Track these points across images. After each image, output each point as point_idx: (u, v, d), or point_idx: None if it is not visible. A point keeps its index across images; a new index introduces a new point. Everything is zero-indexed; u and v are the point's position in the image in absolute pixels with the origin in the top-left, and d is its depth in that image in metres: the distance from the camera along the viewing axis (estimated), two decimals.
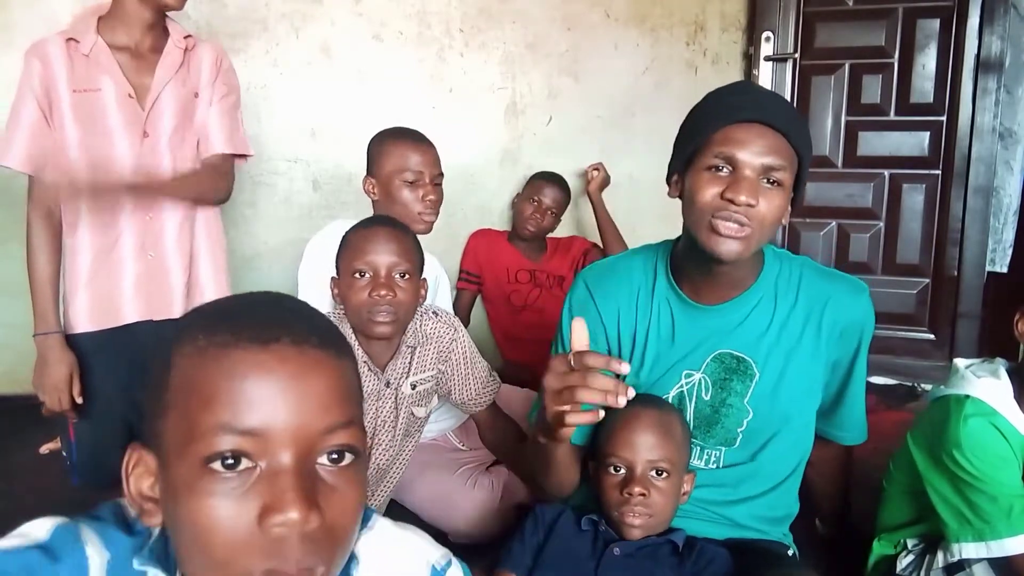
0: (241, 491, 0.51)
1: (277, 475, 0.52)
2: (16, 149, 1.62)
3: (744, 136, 1.08)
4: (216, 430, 0.52)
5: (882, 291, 2.79)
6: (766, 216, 1.08)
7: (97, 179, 1.60)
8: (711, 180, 1.10)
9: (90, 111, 1.64)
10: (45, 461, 2.10)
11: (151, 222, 1.72)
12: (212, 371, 0.53)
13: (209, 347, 0.54)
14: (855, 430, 1.35)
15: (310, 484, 0.53)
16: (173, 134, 1.71)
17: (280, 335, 0.54)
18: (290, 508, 0.50)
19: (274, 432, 0.52)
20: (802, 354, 1.21)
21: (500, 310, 2.69)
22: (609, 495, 1.15)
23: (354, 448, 0.56)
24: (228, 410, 0.52)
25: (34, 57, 1.62)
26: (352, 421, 0.56)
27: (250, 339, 0.54)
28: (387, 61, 2.75)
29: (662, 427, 1.15)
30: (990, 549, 1.21)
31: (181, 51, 1.73)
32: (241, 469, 0.52)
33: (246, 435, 0.52)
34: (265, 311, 0.58)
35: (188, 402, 0.53)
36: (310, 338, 0.55)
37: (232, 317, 0.57)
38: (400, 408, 1.53)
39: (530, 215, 2.62)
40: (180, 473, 0.53)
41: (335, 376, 0.56)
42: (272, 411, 0.52)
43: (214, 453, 0.51)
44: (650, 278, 1.27)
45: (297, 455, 0.53)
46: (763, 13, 2.86)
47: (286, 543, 0.51)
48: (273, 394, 0.52)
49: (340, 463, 0.55)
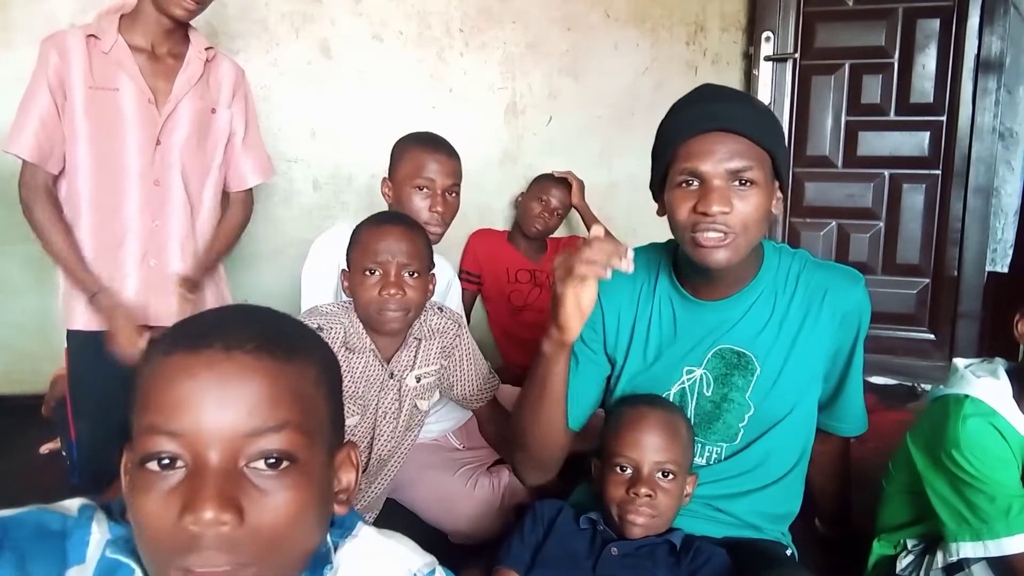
0: (167, 489, 0.54)
1: (198, 475, 0.54)
2: (25, 137, 1.61)
3: (703, 147, 1.09)
4: (148, 431, 0.55)
5: (882, 291, 2.79)
6: (747, 218, 1.09)
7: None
8: (683, 196, 1.12)
9: (104, 109, 1.64)
10: (45, 461, 2.10)
11: (158, 229, 1.72)
12: (151, 376, 0.57)
13: (155, 355, 0.58)
14: (855, 421, 1.36)
15: (230, 485, 0.54)
16: (185, 145, 1.72)
17: (212, 341, 0.56)
18: (203, 507, 0.52)
19: (197, 433, 0.54)
20: (803, 346, 1.22)
21: (500, 310, 2.69)
22: (613, 493, 1.15)
23: (289, 454, 0.56)
24: (158, 412, 0.55)
25: (51, 48, 1.61)
26: (286, 425, 0.57)
27: (184, 346, 0.57)
28: (387, 61, 2.75)
29: (670, 429, 1.16)
30: (988, 549, 1.21)
31: (202, 62, 1.73)
32: (174, 468, 0.54)
33: (172, 436, 0.54)
34: (211, 320, 0.62)
35: (136, 407, 0.58)
36: (244, 344, 0.57)
37: (180, 327, 0.61)
38: (404, 400, 1.53)
39: (538, 214, 2.62)
40: (129, 470, 0.58)
41: (267, 381, 0.56)
42: (196, 413, 0.54)
43: (147, 453, 0.55)
44: (652, 275, 1.29)
45: (220, 457, 0.54)
46: (763, 13, 2.86)
47: (201, 541, 0.52)
48: (197, 397, 0.55)
49: (277, 468, 0.56)
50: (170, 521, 0.53)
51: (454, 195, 1.79)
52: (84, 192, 1.67)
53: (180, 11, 1.62)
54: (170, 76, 1.70)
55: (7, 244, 2.40)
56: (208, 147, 1.78)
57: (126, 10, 1.67)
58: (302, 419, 0.58)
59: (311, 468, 0.59)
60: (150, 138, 1.68)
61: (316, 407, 0.61)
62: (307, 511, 0.58)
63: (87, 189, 1.66)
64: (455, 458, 1.85)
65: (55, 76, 1.61)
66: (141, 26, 1.66)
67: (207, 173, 1.79)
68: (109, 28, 1.64)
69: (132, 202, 1.69)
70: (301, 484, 0.57)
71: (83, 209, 1.67)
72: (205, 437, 0.54)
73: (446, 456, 1.86)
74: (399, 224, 1.44)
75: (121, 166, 1.67)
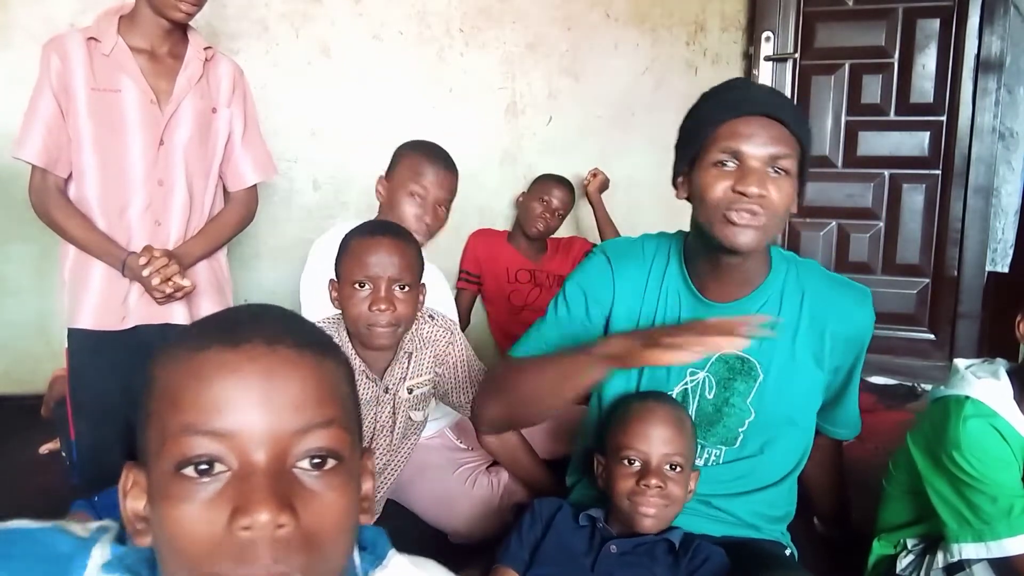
0: (211, 495, 0.50)
1: (247, 477, 0.50)
2: (32, 143, 1.62)
3: (747, 129, 1.09)
4: (184, 432, 0.50)
5: (882, 291, 2.79)
6: (778, 204, 1.09)
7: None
8: (719, 175, 1.10)
9: (108, 111, 1.64)
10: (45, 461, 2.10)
11: (160, 230, 1.72)
12: (183, 374, 0.52)
13: (182, 352, 0.53)
14: (851, 426, 1.40)
15: (283, 486, 0.50)
16: (188, 144, 1.73)
17: (251, 336, 0.53)
18: (259, 509, 0.48)
19: (244, 433, 0.50)
20: (805, 358, 1.22)
21: (500, 310, 2.69)
22: (623, 486, 1.15)
23: (336, 452, 0.54)
24: (195, 411, 0.51)
25: (53, 51, 1.62)
26: (332, 423, 0.54)
27: (220, 341, 0.53)
28: (387, 61, 2.75)
29: (677, 423, 1.16)
30: (989, 550, 1.21)
31: (201, 62, 1.74)
32: (212, 473, 0.50)
33: (214, 436, 0.50)
34: (242, 315, 0.58)
35: (162, 407, 0.53)
36: (284, 338, 0.54)
37: (208, 323, 0.57)
38: (398, 412, 1.52)
39: (539, 214, 2.62)
40: (156, 480, 0.52)
41: (311, 376, 0.54)
42: (241, 411, 0.51)
43: (184, 459, 0.50)
44: (661, 266, 1.27)
45: (269, 456, 0.51)
46: (763, 13, 2.86)
47: (256, 547, 0.49)
48: (242, 394, 0.51)
49: (322, 468, 0.53)
50: (217, 529, 0.49)
51: (444, 209, 1.79)
52: (90, 194, 1.67)
53: (177, 13, 1.62)
54: (171, 76, 1.70)
55: (7, 244, 2.40)
56: (210, 146, 1.79)
57: (125, 11, 1.67)
58: (344, 416, 0.56)
59: (352, 469, 0.56)
60: (153, 138, 1.68)
61: (351, 406, 0.58)
62: (351, 514, 0.55)
63: (93, 191, 1.67)
64: (454, 458, 1.85)
65: (58, 80, 1.62)
66: (140, 27, 1.66)
67: (209, 172, 1.80)
68: (108, 30, 1.64)
69: (137, 202, 1.69)
70: (346, 484, 0.54)
71: (90, 211, 1.68)
72: (252, 436, 0.50)
73: (445, 456, 1.86)
74: (390, 236, 1.40)
75: (125, 167, 1.67)
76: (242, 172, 1.87)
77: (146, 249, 1.65)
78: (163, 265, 1.63)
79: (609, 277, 1.27)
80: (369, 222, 1.54)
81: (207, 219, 1.82)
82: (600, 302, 1.28)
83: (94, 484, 1.67)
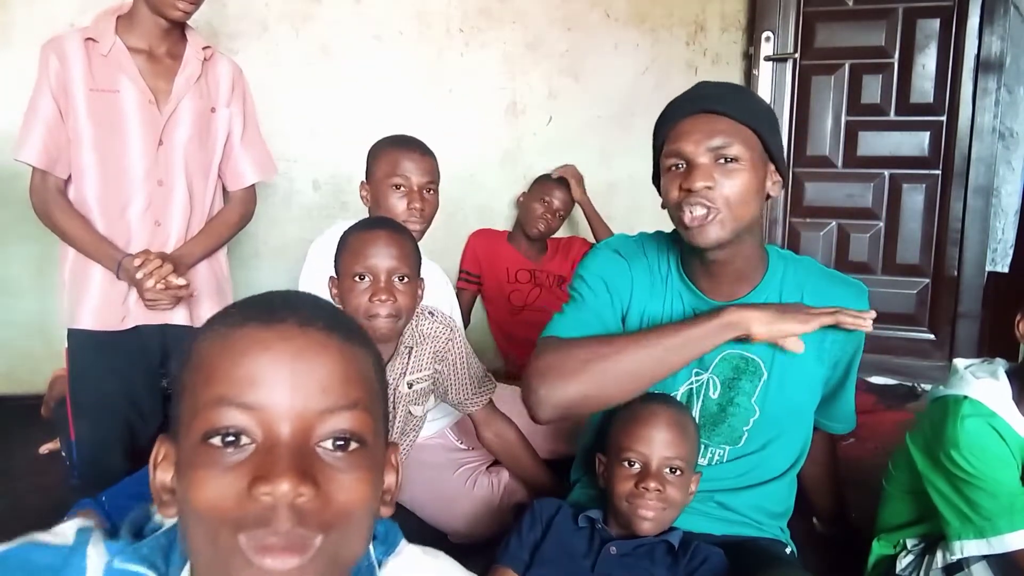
0: (235, 463, 0.52)
1: (271, 449, 0.52)
2: (32, 144, 1.62)
3: (686, 129, 1.12)
4: (215, 403, 0.52)
5: (882, 291, 2.79)
6: (731, 194, 1.10)
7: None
8: (672, 179, 1.15)
9: (106, 111, 1.64)
10: (45, 461, 2.10)
11: (160, 230, 1.72)
12: (218, 349, 0.54)
13: (219, 329, 0.56)
14: (846, 421, 1.41)
15: (306, 460, 0.52)
16: (187, 144, 1.73)
17: (286, 316, 0.55)
18: (280, 478, 0.50)
19: (271, 407, 0.52)
20: (806, 356, 1.22)
21: (500, 310, 2.69)
22: (621, 488, 1.15)
23: (359, 435, 0.55)
24: (228, 384, 0.53)
25: (51, 53, 1.62)
26: (357, 405, 0.55)
27: (256, 319, 0.55)
28: (387, 61, 2.75)
29: (679, 426, 1.16)
30: (991, 546, 1.21)
31: (200, 62, 1.74)
32: (239, 445, 0.52)
33: (244, 409, 0.52)
34: (278, 297, 0.60)
35: (196, 380, 0.55)
36: (316, 321, 0.56)
37: (245, 303, 0.59)
38: (397, 407, 1.53)
39: (540, 215, 2.62)
40: (184, 450, 0.54)
41: (340, 359, 0.55)
42: (270, 387, 0.53)
43: (212, 428, 0.52)
44: (664, 267, 1.28)
45: (293, 432, 0.52)
46: (763, 13, 2.86)
47: (276, 512, 0.50)
48: (272, 370, 0.53)
49: (345, 449, 0.54)
50: (237, 493, 0.50)
51: (431, 192, 1.78)
52: (90, 194, 1.67)
53: (175, 12, 1.62)
54: (169, 76, 1.70)
55: (7, 244, 2.40)
56: (209, 146, 1.79)
57: (123, 11, 1.67)
58: (369, 401, 0.57)
59: (375, 455, 0.57)
60: (152, 139, 1.68)
61: (378, 393, 0.60)
62: (371, 499, 0.56)
63: (93, 191, 1.67)
64: (454, 458, 1.85)
65: (57, 81, 1.62)
66: (138, 27, 1.66)
67: (208, 172, 1.80)
68: (107, 30, 1.64)
69: (136, 202, 1.69)
70: (368, 470, 0.55)
71: (90, 211, 1.68)
72: (279, 411, 0.52)
73: (445, 455, 1.86)
74: (387, 229, 1.43)
75: (125, 167, 1.67)
76: (241, 171, 1.88)
77: (142, 252, 1.65)
78: (156, 267, 1.63)
79: (628, 273, 1.26)
80: (366, 219, 1.55)
81: (207, 219, 1.82)
82: (620, 295, 1.26)
83: (94, 484, 1.67)
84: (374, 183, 1.77)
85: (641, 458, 1.15)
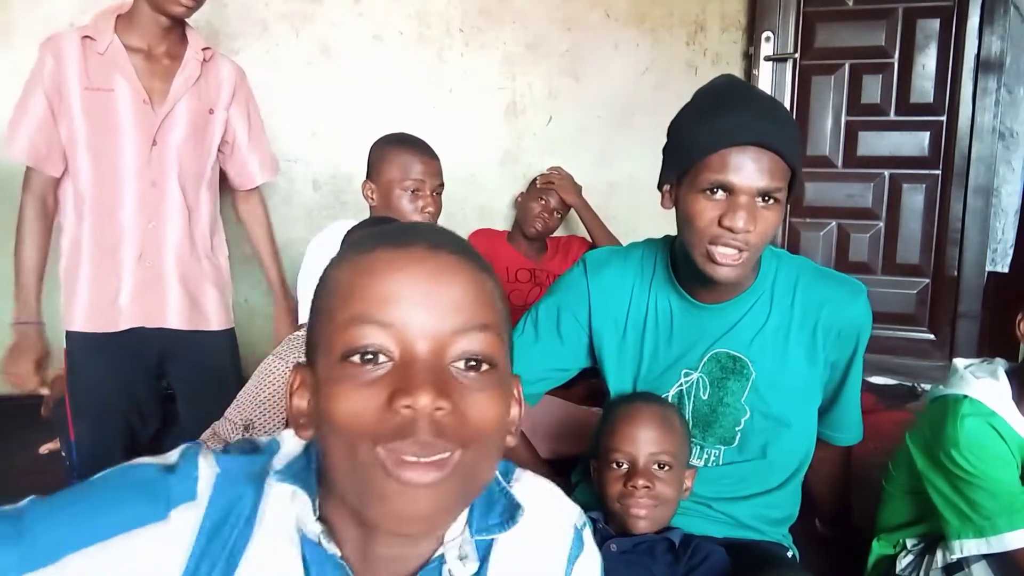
0: (375, 378, 0.53)
1: (409, 364, 0.53)
2: (21, 141, 1.62)
3: (739, 162, 1.05)
4: (352, 322, 0.54)
5: (882, 291, 2.79)
6: (764, 236, 1.09)
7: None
8: (708, 205, 1.08)
9: (100, 110, 1.64)
10: (45, 461, 2.10)
11: (153, 231, 1.71)
12: (353, 272, 0.56)
13: (352, 255, 0.57)
14: (850, 431, 1.36)
15: (442, 377, 0.53)
16: (182, 145, 1.72)
17: (417, 240, 0.56)
18: (420, 391, 0.51)
19: (408, 326, 0.53)
20: (798, 355, 1.22)
21: None
22: (612, 488, 1.15)
23: (491, 357, 0.56)
24: (364, 303, 0.54)
25: (48, 51, 1.62)
26: (487, 327, 0.56)
27: (389, 243, 0.56)
28: (387, 61, 2.75)
29: (663, 421, 1.16)
30: (990, 545, 1.21)
31: (199, 63, 1.73)
32: (377, 362, 0.53)
33: (380, 326, 0.53)
34: (407, 226, 0.62)
35: (333, 303, 0.56)
36: (446, 245, 0.57)
37: (376, 232, 0.60)
38: None
39: (537, 214, 2.61)
40: (323, 370, 0.55)
41: (470, 281, 0.56)
42: (406, 306, 0.54)
43: (351, 347, 0.53)
44: (648, 271, 1.28)
45: (430, 349, 0.53)
46: (763, 13, 2.86)
47: (415, 424, 0.51)
48: (407, 290, 0.54)
49: (478, 370, 0.55)
50: (378, 406, 0.52)
51: (439, 194, 1.79)
52: (83, 193, 1.67)
53: (177, 8, 1.61)
54: (167, 77, 1.69)
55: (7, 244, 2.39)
56: (205, 148, 1.78)
57: (123, 11, 1.67)
58: (499, 325, 0.58)
59: (505, 378, 0.58)
60: (146, 139, 1.67)
61: (505, 320, 0.61)
62: (503, 420, 0.57)
63: (86, 190, 1.67)
64: None
65: (50, 80, 1.61)
66: (138, 26, 1.66)
67: (203, 174, 1.79)
68: (105, 29, 1.64)
69: (129, 203, 1.69)
70: (499, 390, 0.56)
71: (83, 210, 1.67)
72: (415, 329, 0.53)
73: None
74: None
75: (117, 167, 1.67)
76: (251, 172, 1.90)
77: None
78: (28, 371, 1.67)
79: (584, 286, 1.28)
80: (370, 219, 1.54)
81: (206, 219, 1.81)
82: (575, 312, 1.29)
83: None
84: (383, 184, 1.77)
85: (627, 457, 1.15)
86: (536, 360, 1.32)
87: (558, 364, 1.33)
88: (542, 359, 1.32)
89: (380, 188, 1.77)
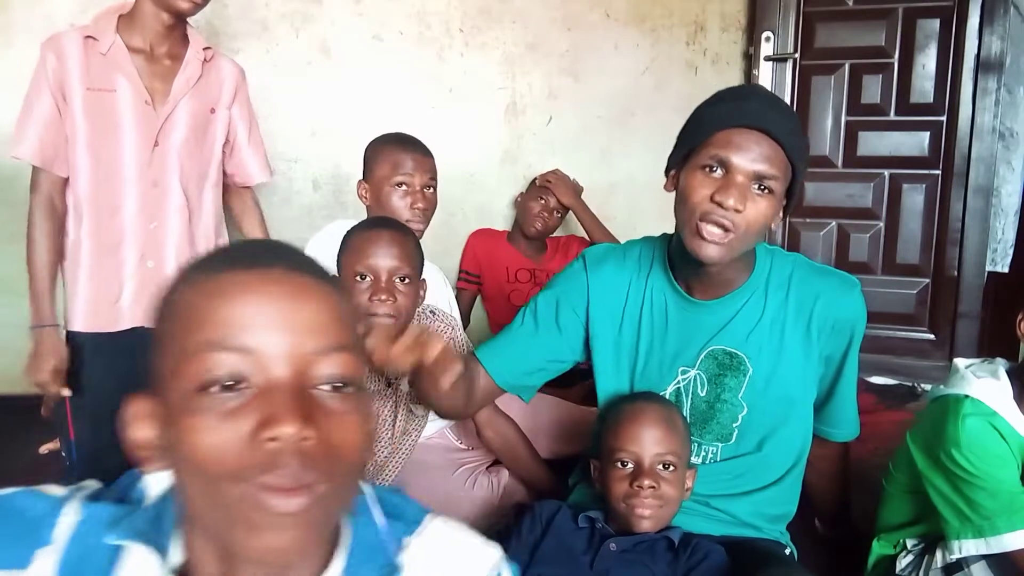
0: (235, 407, 0.50)
1: (271, 391, 0.51)
2: (28, 141, 1.61)
3: (741, 141, 1.09)
4: (206, 347, 0.51)
5: (882, 291, 2.79)
6: (751, 222, 1.10)
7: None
8: (704, 180, 1.12)
9: (102, 111, 1.64)
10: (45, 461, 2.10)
11: (155, 231, 1.71)
12: (204, 294, 0.53)
13: (201, 275, 0.54)
14: (847, 427, 1.37)
15: (306, 402, 0.51)
16: (183, 146, 1.72)
17: (271, 261, 0.54)
18: (284, 421, 0.49)
19: (267, 350, 0.51)
20: (794, 349, 1.22)
21: (500, 310, 2.69)
22: (617, 489, 1.15)
23: (354, 379, 0.55)
24: (218, 328, 0.51)
25: (49, 50, 1.61)
26: (346, 347, 0.55)
27: (243, 264, 0.54)
28: (387, 61, 2.75)
29: (667, 422, 1.17)
30: (989, 545, 1.21)
31: (200, 63, 1.73)
32: (234, 391, 0.51)
33: (239, 352, 0.51)
34: (256, 245, 0.61)
35: (179, 328, 0.53)
36: (302, 266, 0.55)
37: (222, 252, 0.58)
38: (399, 406, 1.53)
39: (537, 213, 2.61)
40: (174, 399, 0.52)
41: (328, 302, 0.55)
42: (264, 329, 0.51)
43: (208, 377, 0.50)
44: (645, 268, 1.29)
45: (292, 374, 0.52)
46: (763, 13, 2.86)
47: (281, 457, 0.49)
48: (265, 313, 0.52)
49: (341, 392, 0.54)
50: (240, 438, 0.49)
51: (432, 191, 1.79)
52: (85, 194, 1.67)
53: (183, 4, 1.61)
54: (168, 77, 1.69)
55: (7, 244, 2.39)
56: (206, 148, 1.78)
57: (124, 11, 1.67)
58: (357, 347, 0.57)
59: (366, 399, 0.57)
60: (148, 139, 1.67)
61: (361, 342, 0.60)
62: (367, 440, 0.56)
63: (87, 191, 1.67)
64: (454, 458, 1.85)
65: (54, 79, 1.61)
66: (139, 26, 1.66)
67: (206, 174, 1.79)
68: (107, 29, 1.63)
69: (130, 204, 1.68)
70: (363, 406, 0.55)
71: (84, 211, 1.67)
72: (275, 353, 0.51)
73: (445, 455, 1.85)
74: (390, 229, 1.43)
75: (119, 167, 1.67)
76: (251, 171, 1.90)
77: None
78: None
79: (583, 280, 1.31)
80: (369, 218, 1.55)
81: (208, 220, 1.81)
82: (573, 305, 1.31)
83: None
84: (374, 182, 1.77)
85: (633, 457, 1.15)
86: (535, 351, 1.34)
87: (556, 356, 1.35)
88: (541, 350, 1.34)
89: (372, 187, 1.77)
